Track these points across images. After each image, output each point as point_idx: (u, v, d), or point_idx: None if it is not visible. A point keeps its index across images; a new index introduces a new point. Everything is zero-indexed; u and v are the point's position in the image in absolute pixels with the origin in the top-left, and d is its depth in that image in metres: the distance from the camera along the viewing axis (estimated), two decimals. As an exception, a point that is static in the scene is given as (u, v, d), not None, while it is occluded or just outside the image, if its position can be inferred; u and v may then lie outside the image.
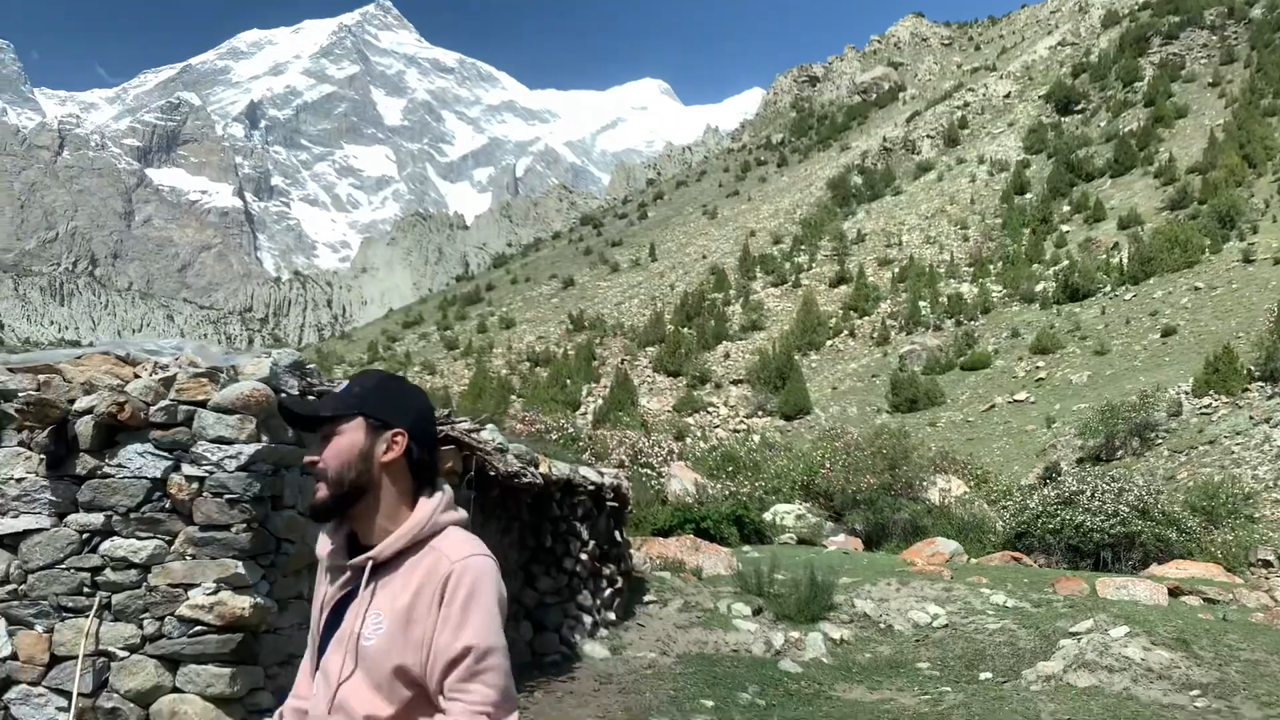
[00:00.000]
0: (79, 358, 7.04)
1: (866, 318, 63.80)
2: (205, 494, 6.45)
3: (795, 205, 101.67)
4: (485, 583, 2.10)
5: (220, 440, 6.46)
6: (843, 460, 20.03)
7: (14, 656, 6.54)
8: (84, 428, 6.61)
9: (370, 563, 2.18)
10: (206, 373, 6.69)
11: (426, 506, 2.20)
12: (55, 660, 6.47)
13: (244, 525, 6.41)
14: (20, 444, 6.74)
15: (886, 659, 10.10)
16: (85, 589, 6.53)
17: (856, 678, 9.37)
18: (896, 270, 70.94)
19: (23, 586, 6.52)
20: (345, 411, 2.25)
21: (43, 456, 6.67)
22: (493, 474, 9.23)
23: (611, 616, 11.61)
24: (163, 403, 6.62)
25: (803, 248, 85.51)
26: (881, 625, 11.20)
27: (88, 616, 6.41)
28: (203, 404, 6.60)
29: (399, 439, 2.23)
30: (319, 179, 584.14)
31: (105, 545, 6.58)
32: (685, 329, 70.59)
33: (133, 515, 6.52)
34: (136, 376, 7.00)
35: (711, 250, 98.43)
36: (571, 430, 23.39)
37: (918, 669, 9.67)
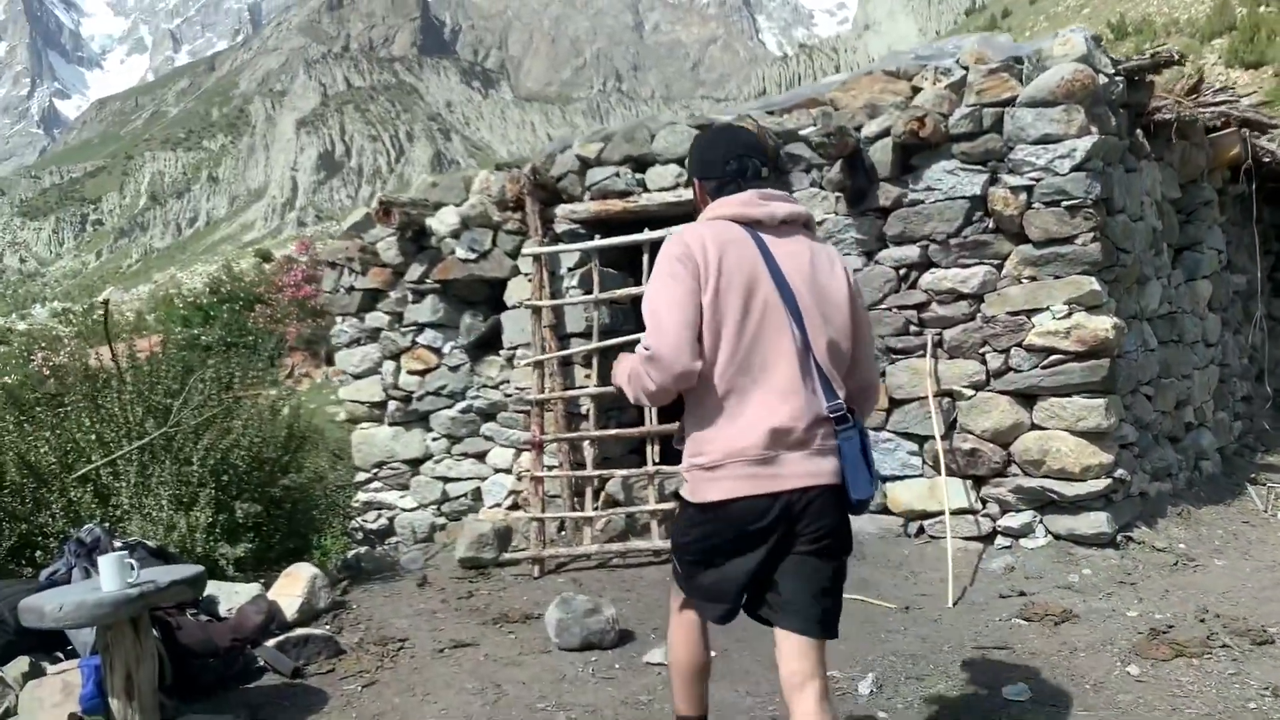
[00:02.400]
0: (844, 84, 6.35)
1: None
2: (1036, 204, 5.53)
3: None
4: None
5: (1044, 140, 5.45)
6: None
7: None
8: (880, 154, 5.95)
9: None
10: (1003, 66, 5.65)
11: None
12: (894, 404, 6.05)
13: (1090, 234, 5.39)
14: (812, 184, 6.23)
15: None
16: (912, 328, 5.98)
17: None
18: None
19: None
20: None
21: (838, 194, 6.12)
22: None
23: None
24: (962, 110, 5.72)
25: None
26: None
27: (921, 356, 5.88)
28: (1008, 102, 5.60)
29: None
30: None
31: (926, 279, 5.96)
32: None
33: (952, 241, 5.81)
34: (915, 90, 6.15)
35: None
36: None
37: None
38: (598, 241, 6.76)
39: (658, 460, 6.27)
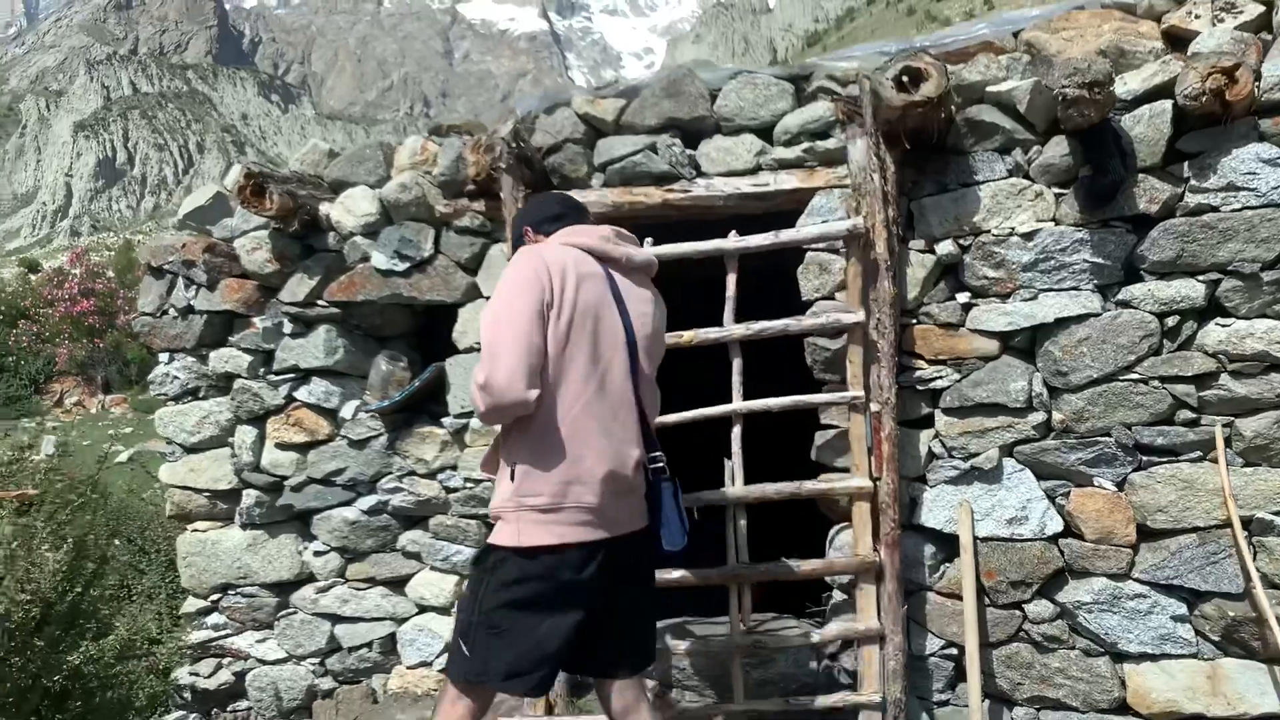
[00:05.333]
0: (1050, 20, 4.05)
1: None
2: None
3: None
4: None
5: None
6: None
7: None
8: (1145, 127, 3.68)
9: None
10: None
11: None
12: (1146, 536, 3.73)
13: None
14: (1009, 172, 3.91)
15: None
16: (1183, 413, 3.68)
17: None
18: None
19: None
20: None
21: (1059, 191, 3.77)
22: None
23: None
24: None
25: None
26: None
27: (1201, 460, 3.60)
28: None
29: None
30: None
31: (1213, 334, 3.68)
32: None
33: (1266, 276, 3.51)
34: (1171, 39, 3.91)
35: None
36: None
37: None
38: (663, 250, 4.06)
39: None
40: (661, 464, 2.80)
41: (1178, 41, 3.83)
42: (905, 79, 3.61)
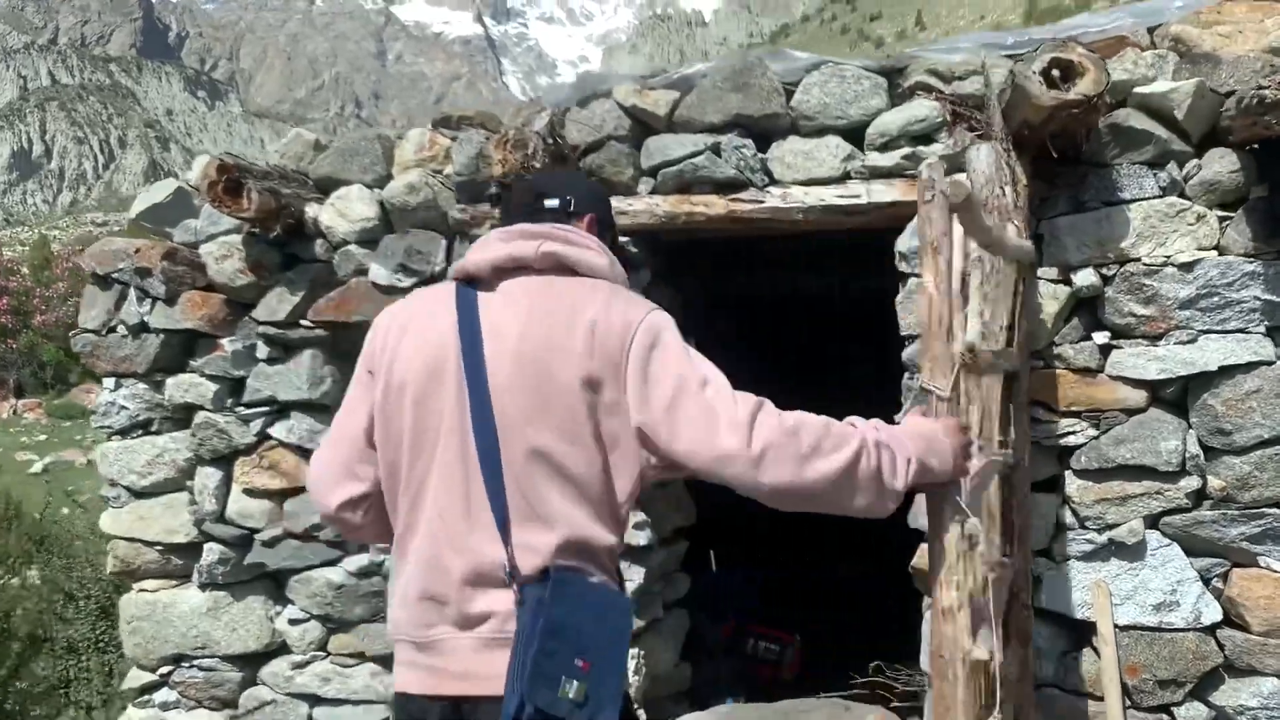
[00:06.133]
0: (1199, 12, 3.45)
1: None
2: None
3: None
4: None
5: None
6: None
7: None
8: None
9: None
10: None
11: None
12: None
13: None
14: (1163, 189, 3.29)
15: None
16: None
17: None
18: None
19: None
20: None
21: (1225, 214, 3.20)
22: None
23: None
24: None
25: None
26: None
27: None
28: None
29: None
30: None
31: None
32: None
33: None
34: None
35: (989, 7, 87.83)
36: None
37: None
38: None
39: None
40: (535, 570, 1.68)
41: (1356, 43, 3.25)
42: (1055, 73, 2.98)
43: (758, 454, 1.63)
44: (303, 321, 4.03)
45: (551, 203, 1.91)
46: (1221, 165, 3.12)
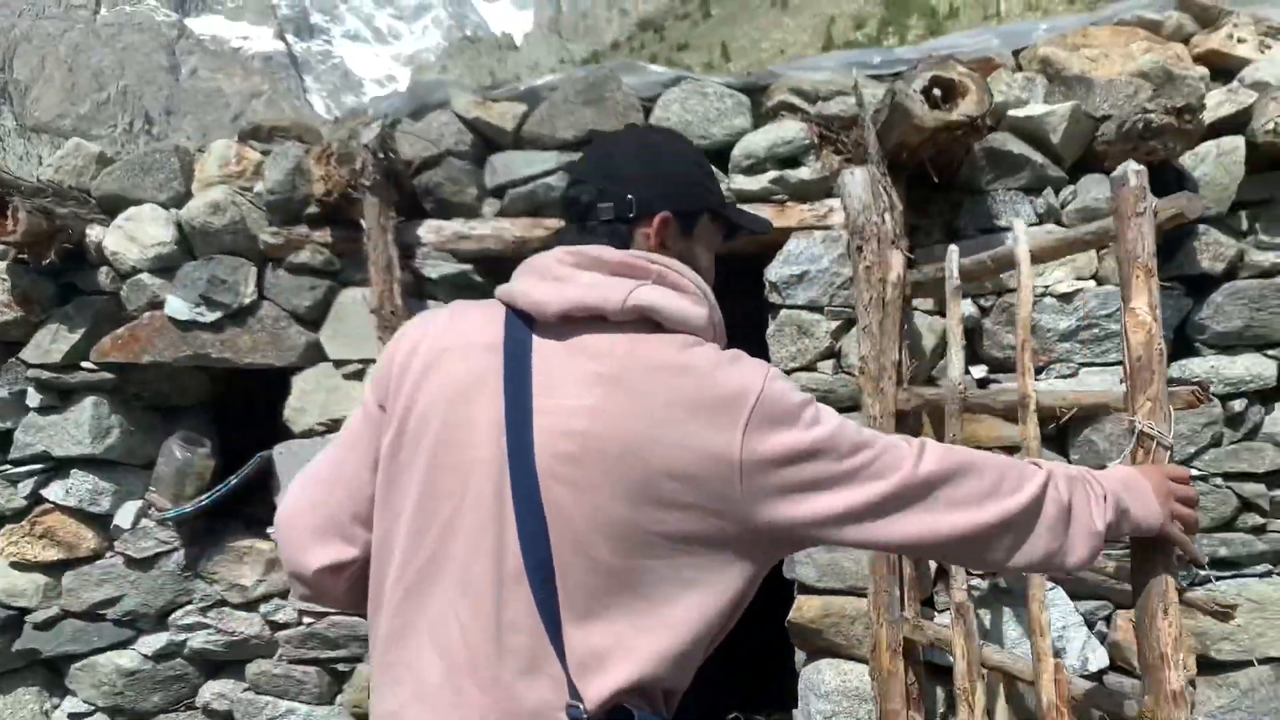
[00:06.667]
0: (1065, 35, 3.40)
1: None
2: None
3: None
4: None
5: None
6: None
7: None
8: (1212, 168, 3.04)
9: None
10: None
11: None
12: None
13: None
14: (1040, 216, 3.20)
15: None
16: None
17: None
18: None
19: None
20: None
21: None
22: None
23: None
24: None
25: (890, 30, 79.09)
26: None
27: None
28: None
29: None
30: (357, 11, 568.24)
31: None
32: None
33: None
34: (1210, 63, 3.37)
35: (789, 44, 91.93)
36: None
37: None
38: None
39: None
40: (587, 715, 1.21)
41: (1215, 70, 3.23)
42: (937, 92, 2.80)
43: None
44: (84, 364, 3.44)
45: (605, 206, 1.35)
46: (1097, 191, 3.02)
